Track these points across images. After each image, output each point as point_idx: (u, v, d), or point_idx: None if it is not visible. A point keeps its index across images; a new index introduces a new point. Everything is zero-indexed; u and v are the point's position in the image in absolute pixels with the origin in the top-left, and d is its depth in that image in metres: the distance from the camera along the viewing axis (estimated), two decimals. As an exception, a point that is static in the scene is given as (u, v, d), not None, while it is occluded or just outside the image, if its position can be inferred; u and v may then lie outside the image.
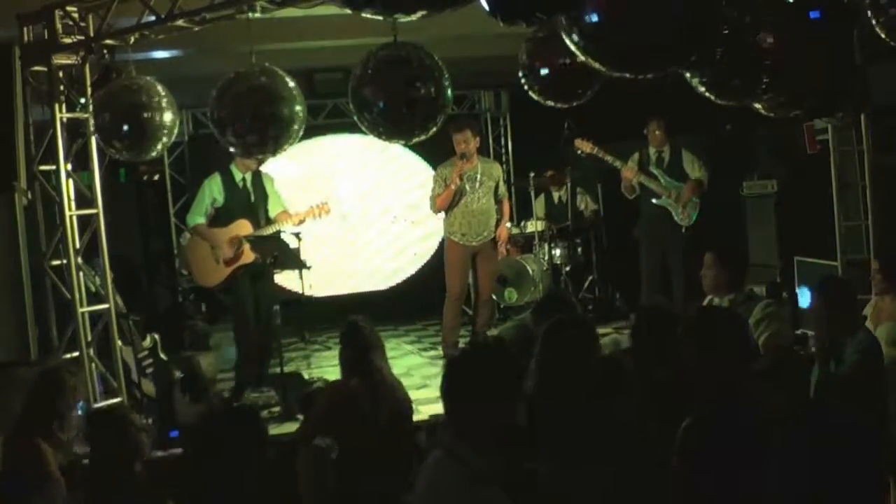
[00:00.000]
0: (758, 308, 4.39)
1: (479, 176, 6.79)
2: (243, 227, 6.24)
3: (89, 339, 5.05)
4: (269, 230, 6.29)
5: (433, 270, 6.99)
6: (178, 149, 8.86)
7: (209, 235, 6.29)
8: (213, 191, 6.30)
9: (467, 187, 6.77)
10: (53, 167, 5.01)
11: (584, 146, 7.47)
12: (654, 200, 7.32)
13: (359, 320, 4.38)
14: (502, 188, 7.12)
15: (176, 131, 4.96)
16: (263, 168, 6.57)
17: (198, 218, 6.31)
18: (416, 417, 5.37)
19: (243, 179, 6.34)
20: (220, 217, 6.34)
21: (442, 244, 7.24)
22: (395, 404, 4.30)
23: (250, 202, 6.34)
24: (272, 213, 6.37)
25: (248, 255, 6.24)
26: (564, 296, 5.58)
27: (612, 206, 7.87)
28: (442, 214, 6.95)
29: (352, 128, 7.81)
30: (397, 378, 4.55)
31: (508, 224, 7.32)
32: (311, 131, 7.57)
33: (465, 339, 7.51)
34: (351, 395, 4.22)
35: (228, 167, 6.37)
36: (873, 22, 4.07)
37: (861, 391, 3.83)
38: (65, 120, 5.04)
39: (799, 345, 5.74)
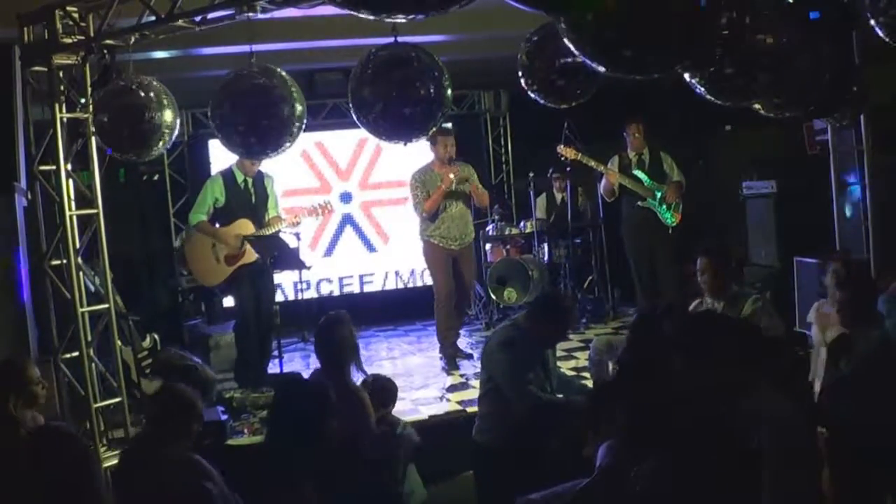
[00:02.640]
0: (747, 304, 4.38)
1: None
2: (245, 226, 6.28)
3: (89, 339, 5.04)
4: (267, 232, 6.30)
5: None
6: (178, 149, 8.86)
7: (213, 232, 6.32)
8: (214, 191, 6.35)
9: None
10: (53, 167, 5.00)
11: (567, 153, 7.50)
12: (639, 203, 7.33)
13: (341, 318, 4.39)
14: (477, 184, 6.96)
15: (176, 131, 4.96)
16: (263, 168, 6.59)
17: (200, 216, 6.38)
18: (415, 417, 5.40)
19: (245, 181, 6.37)
20: (221, 217, 6.37)
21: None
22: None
23: (252, 203, 6.38)
24: (270, 215, 6.40)
25: (251, 255, 6.27)
26: (559, 296, 5.53)
27: (611, 207, 7.87)
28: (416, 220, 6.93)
29: (352, 128, 7.82)
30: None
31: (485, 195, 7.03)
32: (311, 131, 7.57)
33: (467, 340, 7.53)
34: None
35: (230, 168, 6.40)
36: (872, 22, 4.07)
37: (868, 391, 3.77)
38: (65, 120, 5.03)
39: (799, 346, 5.73)
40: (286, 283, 8.54)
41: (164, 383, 4.29)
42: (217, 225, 6.41)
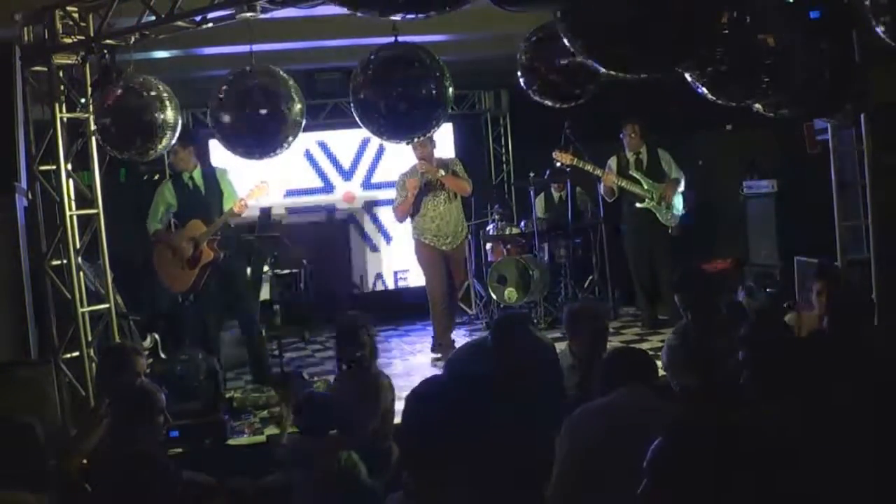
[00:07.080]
0: None
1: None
2: (196, 227, 6.11)
3: (89, 339, 5.05)
4: (219, 224, 6.08)
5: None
6: (179, 149, 8.84)
7: (168, 239, 6.20)
8: (165, 197, 6.22)
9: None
10: (53, 167, 5.01)
11: (563, 158, 7.47)
12: (637, 204, 7.33)
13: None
14: (462, 174, 6.88)
15: (178, 130, 4.95)
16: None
17: (155, 224, 6.22)
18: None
19: (191, 178, 6.22)
20: (179, 221, 6.26)
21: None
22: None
23: (203, 198, 6.20)
24: (226, 208, 6.16)
25: (208, 254, 6.09)
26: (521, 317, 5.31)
27: (611, 206, 7.87)
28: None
29: (352, 127, 7.84)
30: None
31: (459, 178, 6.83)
32: (312, 131, 7.57)
33: (466, 340, 7.52)
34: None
35: (179, 171, 6.26)
36: (873, 23, 4.07)
37: None
38: (65, 120, 5.04)
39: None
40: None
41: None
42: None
